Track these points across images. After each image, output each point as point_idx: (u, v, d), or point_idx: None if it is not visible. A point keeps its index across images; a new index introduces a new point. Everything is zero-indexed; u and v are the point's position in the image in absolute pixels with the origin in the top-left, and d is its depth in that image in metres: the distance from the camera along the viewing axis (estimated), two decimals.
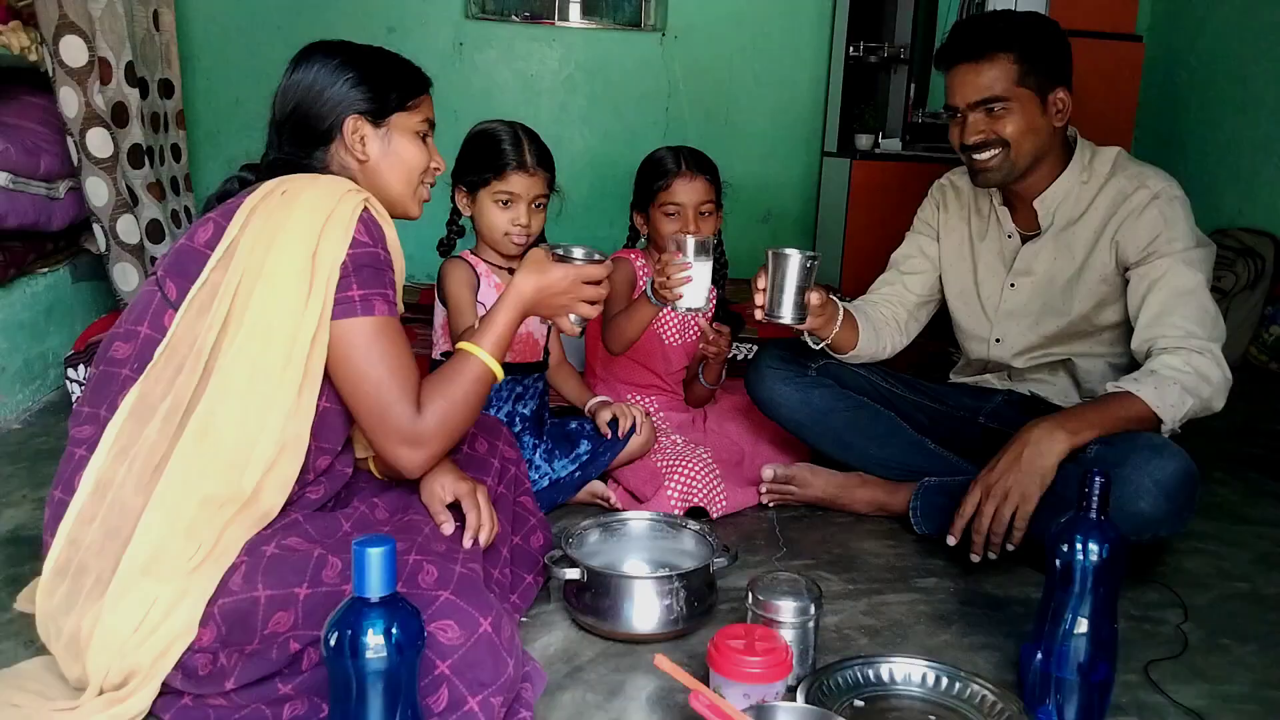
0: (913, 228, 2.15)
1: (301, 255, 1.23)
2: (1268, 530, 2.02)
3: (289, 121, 1.41)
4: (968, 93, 1.82)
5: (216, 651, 1.16)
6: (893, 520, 1.96)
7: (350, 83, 1.39)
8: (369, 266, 1.27)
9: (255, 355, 1.22)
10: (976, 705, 1.27)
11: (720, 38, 4.44)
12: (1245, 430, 2.60)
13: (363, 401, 1.28)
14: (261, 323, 1.22)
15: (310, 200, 1.26)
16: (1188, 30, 3.97)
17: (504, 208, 1.88)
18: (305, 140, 1.40)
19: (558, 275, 1.43)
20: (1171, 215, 1.78)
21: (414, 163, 1.44)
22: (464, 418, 1.35)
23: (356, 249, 1.26)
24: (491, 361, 1.37)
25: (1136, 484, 1.58)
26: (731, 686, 1.18)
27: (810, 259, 1.68)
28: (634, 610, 1.45)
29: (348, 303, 1.26)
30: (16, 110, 2.61)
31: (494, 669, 1.11)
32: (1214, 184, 3.70)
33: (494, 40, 4.31)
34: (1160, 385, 1.66)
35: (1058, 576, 1.22)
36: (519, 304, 1.42)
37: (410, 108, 1.43)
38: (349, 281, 1.25)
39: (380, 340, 1.27)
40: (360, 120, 1.39)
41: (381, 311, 1.28)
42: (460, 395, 1.34)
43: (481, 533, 1.37)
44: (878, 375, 2.08)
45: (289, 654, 1.15)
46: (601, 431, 1.97)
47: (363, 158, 1.40)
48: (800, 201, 4.64)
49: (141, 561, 1.15)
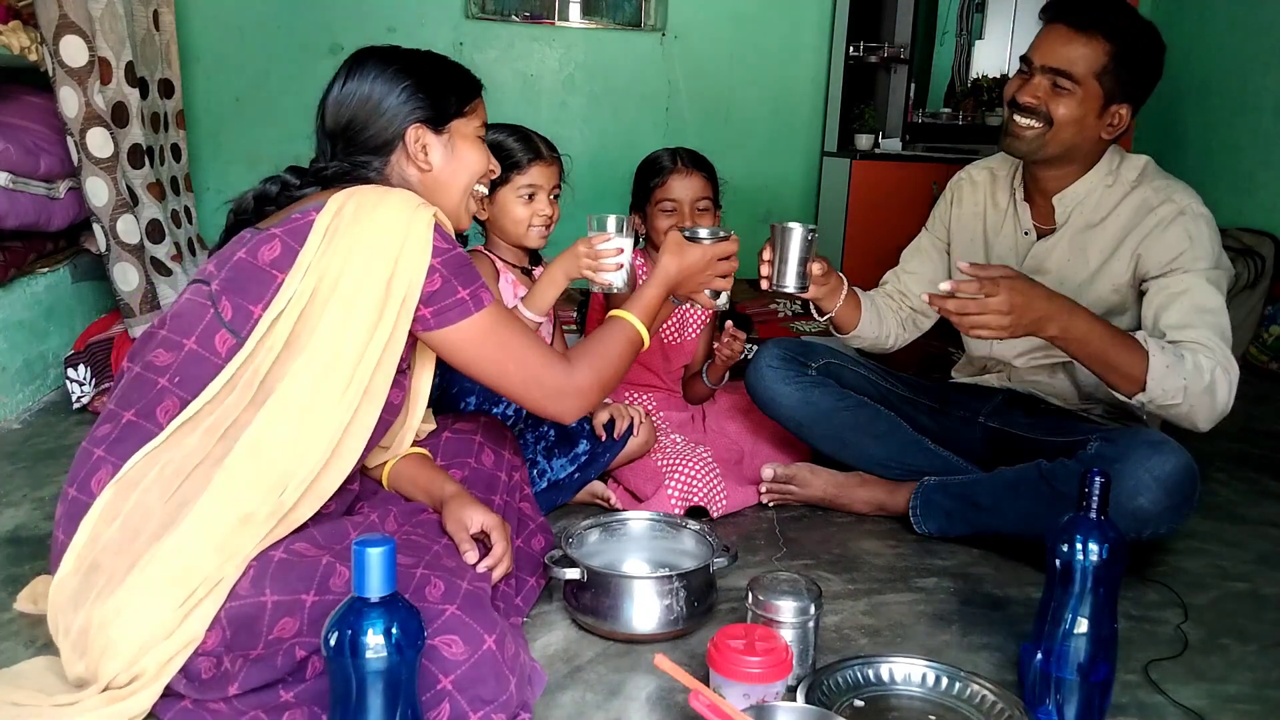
0: (926, 224, 2.15)
1: (378, 280, 1.25)
2: (1268, 530, 2.02)
3: (345, 132, 1.40)
4: (1049, 54, 1.76)
5: (221, 655, 1.16)
6: (893, 520, 1.96)
7: (408, 90, 1.39)
8: (462, 266, 1.31)
9: (317, 379, 1.22)
10: (976, 705, 1.27)
11: (720, 38, 4.44)
12: (1245, 430, 2.59)
13: (514, 378, 1.36)
14: (327, 348, 1.23)
15: (384, 221, 1.27)
16: (1188, 30, 3.97)
17: (528, 202, 1.90)
18: (363, 149, 1.39)
19: (696, 255, 1.57)
20: (1197, 233, 1.75)
21: (476, 167, 1.46)
22: (615, 371, 1.46)
23: (442, 256, 1.29)
24: (641, 327, 1.49)
25: (1136, 480, 1.58)
26: (731, 686, 1.18)
27: (811, 231, 1.75)
28: (634, 610, 1.45)
29: (460, 304, 1.31)
30: (16, 110, 2.61)
31: (496, 687, 1.11)
32: (1214, 184, 3.69)
33: (494, 40, 4.31)
34: (1173, 368, 1.61)
35: (1058, 576, 1.22)
36: (666, 281, 1.55)
37: (468, 113, 1.45)
38: (452, 285, 1.30)
39: (503, 323, 1.35)
40: (422, 129, 1.40)
41: (489, 300, 1.34)
42: (614, 352, 1.45)
43: (499, 569, 1.38)
44: (877, 375, 2.08)
45: (294, 661, 1.14)
46: (597, 433, 1.97)
47: (425, 167, 1.41)
48: (800, 201, 4.64)
49: (172, 573, 1.14)
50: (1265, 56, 3.56)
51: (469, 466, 1.59)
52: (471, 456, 1.62)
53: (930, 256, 2.11)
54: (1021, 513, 1.74)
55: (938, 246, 2.11)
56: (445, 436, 1.65)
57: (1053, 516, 1.27)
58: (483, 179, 1.49)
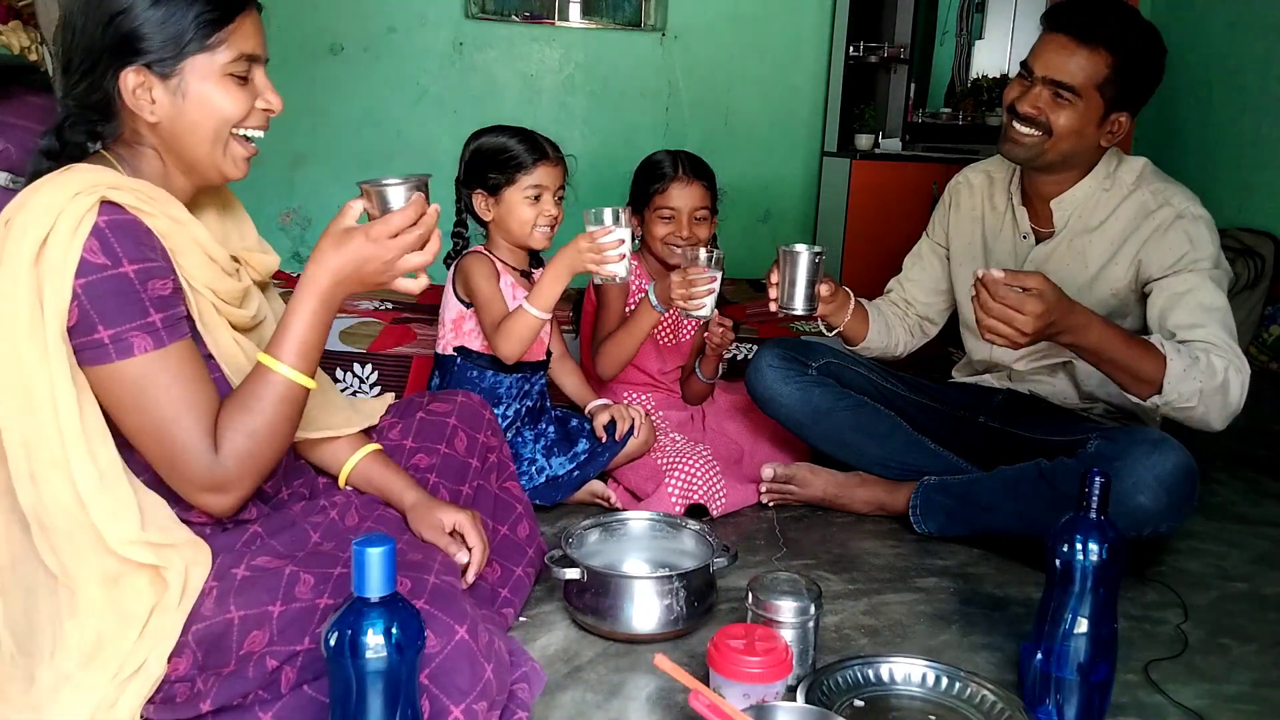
0: (926, 229, 2.15)
1: (22, 306, 1.02)
2: (1268, 530, 2.02)
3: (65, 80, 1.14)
4: (1050, 65, 1.74)
5: (194, 678, 1.12)
6: (893, 520, 1.96)
7: (112, 19, 1.10)
8: (112, 295, 1.04)
9: (27, 432, 1.05)
10: (976, 705, 1.27)
11: (720, 38, 4.44)
12: (1245, 430, 2.59)
13: (149, 450, 1.10)
14: (13, 395, 1.04)
15: (23, 227, 1.03)
16: (1188, 30, 3.97)
17: (534, 203, 1.90)
18: (82, 105, 1.14)
19: (357, 245, 1.14)
20: (1197, 235, 1.74)
21: (227, 110, 1.16)
22: (273, 449, 1.14)
23: (88, 276, 1.03)
24: (297, 375, 1.14)
25: (1136, 479, 1.58)
26: (731, 686, 1.18)
27: (817, 255, 1.75)
28: (634, 610, 1.45)
29: (97, 347, 1.04)
30: (16, 110, 2.60)
31: (471, 675, 1.08)
32: (1214, 184, 3.69)
33: (494, 40, 4.31)
34: (1190, 371, 1.60)
35: (1058, 576, 1.22)
36: (315, 294, 1.15)
37: (213, 45, 1.14)
38: (91, 321, 1.04)
39: (151, 383, 1.06)
40: (142, 73, 1.12)
41: (144, 348, 1.06)
42: (263, 425, 1.12)
43: (474, 567, 1.37)
44: (877, 374, 2.08)
45: (266, 671, 1.11)
46: (598, 435, 1.97)
47: (151, 117, 1.14)
48: (800, 201, 4.64)
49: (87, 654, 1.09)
50: (1265, 57, 3.56)
51: (438, 453, 1.53)
52: (443, 442, 1.55)
53: (931, 263, 2.11)
54: (1021, 512, 1.74)
55: (938, 253, 2.11)
56: (420, 417, 1.57)
57: (1053, 516, 1.27)
58: (248, 121, 1.18)
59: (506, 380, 1.96)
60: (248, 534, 1.22)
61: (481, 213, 1.95)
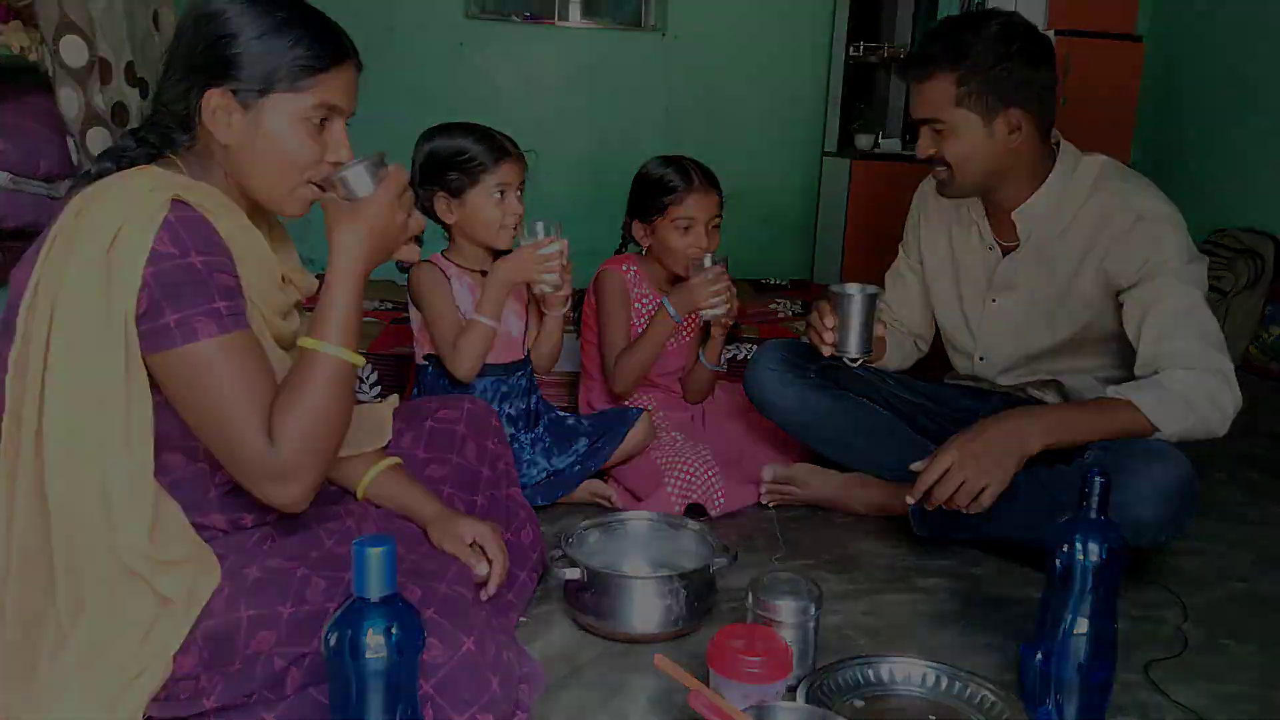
0: (902, 243, 2.14)
1: (90, 294, 1.04)
2: (1268, 530, 2.02)
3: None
4: (916, 109, 1.80)
5: (199, 675, 1.13)
6: (893, 520, 1.96)
7: (217, 45, 1.15)
8: (183, 283, 1.07)
9: (74, 421, 1.06)
10: (976, 705, 1.27)
11: (720, 38, 4.44)
12: (1245, 430, 2.58)
13: (210, 439, 1.11)
14: (66, 382, 1.06)
15: (96, 219, 1.06)
16: (1188, 31, 3.97)
17: (500, 201, 1.88)
18: (167, 113, 1.19)
19: (377, 208, 1.19)
20: (1159, 234, 1.71)
21: (296, 156, 1.20)
22: (329, 432, 1.14)
23: (158, 265, 1.05)
24: (344, 352, 1.15)
25: (1135, 490, 1.57)
26: (731, 686, 1.18)
27: (871, 296, 1.73)
28: (634, 610, 1.45)
29: (163, 332, 1.06)
30: (16, 110, 2.61)
31: (477, 687, 1.10)
32: (1214, 184, 3.69)
33: (494, 40, 4.31)
34: (1164, 399, 1.61)
35: (1058, 577, 1.22)
36: (350, 265, 1.17)
37: (305, 88, 1.17)
38: (160, 307, 1.06)
39: (212, 368, 1.08)
40: (224, 95, 1.16)
41: (209, 334, 1.07)
42: (315, 407, 1.12)
43: (495, 579, 1.37)
44: (876, 376, 2.08)
45: (272, 672, 1.12)
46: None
47: (225, 139, 1.18)
48: (800, 201, 4.64)
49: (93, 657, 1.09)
50: (1265, 57, 3.56)
51: (450, 463, 1.54)
52: (454, 451, 1.56)
53: (909, 282, 2.11)
54: (1019, 519, 1.72)
55: (915, 270, 2.10)
56: (429, 425, 1.58)
57: (1048, 522, 1.26)
58: (312, 171, 1.20)
59: (480, 384, 1.94)
60: (259, 534, 1.23)
61: (444, 215, 1.91)
